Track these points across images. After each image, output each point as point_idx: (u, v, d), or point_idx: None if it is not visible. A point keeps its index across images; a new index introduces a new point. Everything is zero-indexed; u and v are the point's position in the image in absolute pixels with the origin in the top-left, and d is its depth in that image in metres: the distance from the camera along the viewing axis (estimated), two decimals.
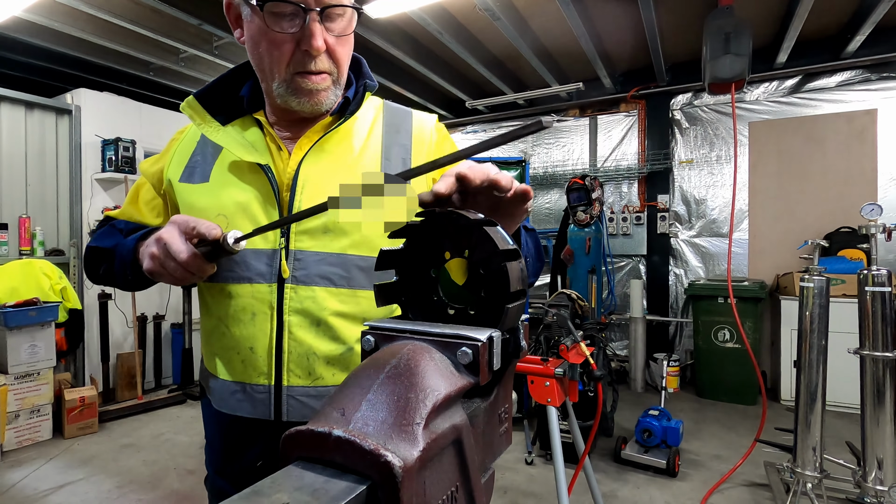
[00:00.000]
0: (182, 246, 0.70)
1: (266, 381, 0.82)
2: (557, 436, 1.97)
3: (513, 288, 0.42)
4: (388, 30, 3.91)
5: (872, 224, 2.29)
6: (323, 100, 0.80)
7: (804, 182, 4.54)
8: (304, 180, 0.81)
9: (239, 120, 0.87)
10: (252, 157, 0.81)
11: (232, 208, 0.82)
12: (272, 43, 0.76)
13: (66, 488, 2.93)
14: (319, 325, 0.81)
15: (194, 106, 0.86)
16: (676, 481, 2.91)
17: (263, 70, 0.80)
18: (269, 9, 0.73)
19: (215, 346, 0.88)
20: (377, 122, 0.90)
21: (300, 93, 0.79)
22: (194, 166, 0.87)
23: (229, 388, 0.85)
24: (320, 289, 0.81)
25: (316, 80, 0.78)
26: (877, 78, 4.29)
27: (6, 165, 4.06)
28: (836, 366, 2.62)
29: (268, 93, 0.84)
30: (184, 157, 0.89)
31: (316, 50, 0.75)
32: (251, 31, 0.78)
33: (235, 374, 0.84)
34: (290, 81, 0.78)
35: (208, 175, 0.86)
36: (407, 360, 0.37)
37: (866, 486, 2.25)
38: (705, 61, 3.34)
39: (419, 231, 0.48)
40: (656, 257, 5.11)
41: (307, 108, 0.80)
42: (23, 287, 3.70)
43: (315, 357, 0.81)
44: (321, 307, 0.81)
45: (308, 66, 0.77)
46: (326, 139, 0.84)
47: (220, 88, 0.89)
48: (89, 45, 4.14)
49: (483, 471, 0.41)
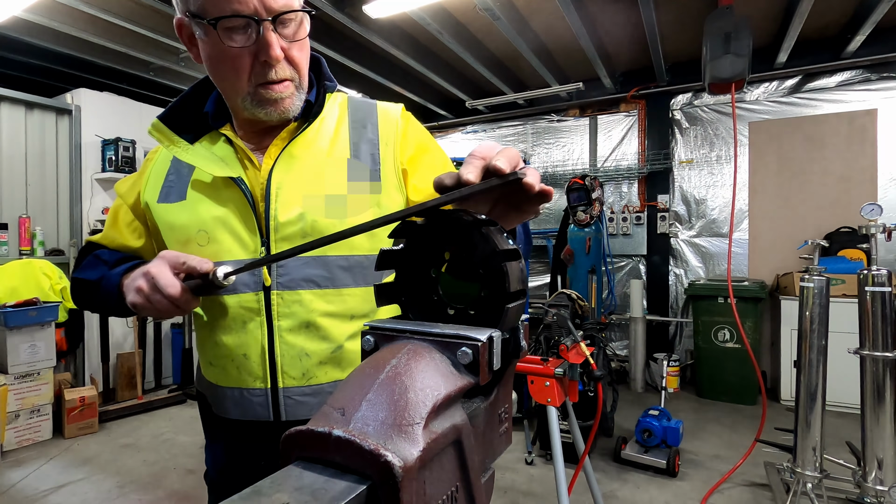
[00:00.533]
0: (171, 280, 0.71)
1: (262, 384, 0.84)
2: (557, 436, 1.97)
3: (513, 288, 0.42)
4: (388, 30, 3.91)
5: (872, 224, 2.29)
6: (289, 106, 0.81)
7: (804, 182, 4.54)
8: (277, 188, 0.82)
9: (206, 136, 0.88)
10: (224, 171, 0.82)
11: (211, 223, 0.83)
12: (230, 58, 0.75)
13: (66, 488, 2.93)
14: (309, 328, 0.83)
15: (160, 128, 0.87)
16: (676, 481, 2.91)
17: (226, 86, 0.81)
18: (222, 25, 0.72)
19: (210, 354, 0.89)
20: (343, 119, 0.90)
21: (266, 103, 0.79)
22: (170, 186, 0.88)
23: (227, 394, 0.87)
24: (306, 292, 0.82)
25: (279, 88, 0.78)
26: (877, 78, 4.29)
27: (6, 165, 4.07)
28: (836, 366, 2.62)
29: (233, 108, 0.85)
30: (159, 178, 0.90)
31: (274, 59, 0.75)
32: (207, 50, 0.78)
33: (231, 381, 0.86)
34: (255, 94, 0.78)
35: (184, 193, 0.86)
36: (407, 360, 0.37)
37: (866, 486, 2.25)
38: (705, 61, 3.34)
39: (419, 231, 0.48)
40: (656, 257, 5.11)
41: (275, 118, 0.81)
42: (23, 287, 3.70)
43: (307, 358, 0.83)
44: (308, 310, 0.82)
45: (269, 76, 0.77)
46: (294, 144, 0.84)
47: (183, 107, 0.89)
48: (89, 45, 4.14)
49: (483, 471, 0.41)
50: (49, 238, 4.29)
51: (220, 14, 0.71)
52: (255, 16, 0.72)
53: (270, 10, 0.73)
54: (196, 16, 0.74)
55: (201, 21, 0.74)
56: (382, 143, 0.89)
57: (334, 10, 3.37)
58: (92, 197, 4.42)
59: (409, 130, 0.92)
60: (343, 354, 0.85)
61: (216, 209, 0.83)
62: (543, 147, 5.76)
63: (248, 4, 0.71)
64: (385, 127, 0.90)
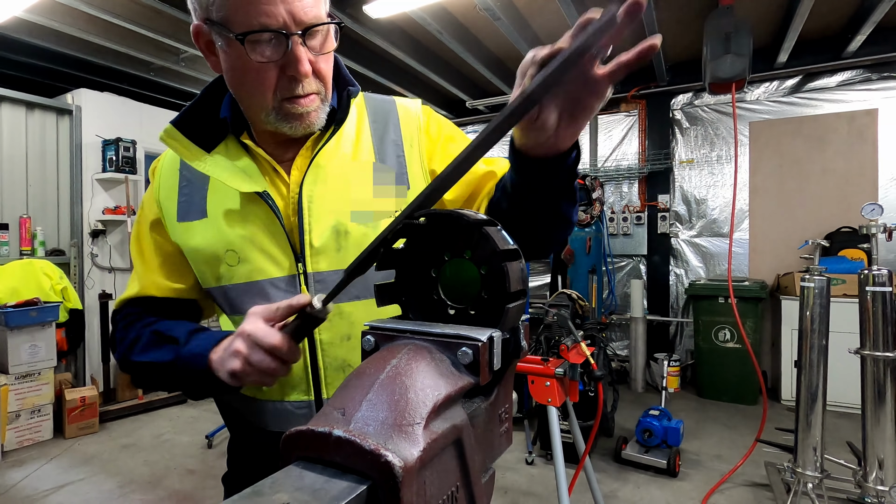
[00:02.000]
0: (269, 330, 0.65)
1: (306, 396, 0.81)
2: (558, 436, 1.97)
3: (513, 288, 0.42)
4: (388, 30, 3.91)
5: (873, 224, 2.29)
6: (314, 120, 0.77)
7: (805, 182, 4.53)
8: (309, 201, 0.79)
9: (222, 144, 0.82)
10: (249, 186, 0.78)
11: (238, 242, 0.79)
12: (255, 72, 0.71)
13: (66, 488, 2.93)
14: (350, 339, 0.81)
15: (174, 135, 0.81)
16: (677, 481, 2.91)
17: (248, 100, 0.77)
18: (250, 38, 0.68)
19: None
20: (362, 120, 0.87)
21: (291, 118, 0.75)
22: (187, 200, 0.83)
23: (266, 408, 0.83)
24: (345, 304, 0.80)
25: (305, 102, 0.74)
26: (877, 78, 4.29)
27: (7, 166, 4.07)
28: (836, 366, 2.62)
29: (253, 120, 0.80)
30: (172, 193, 0.84)
31: (303, 75, 0.71)
32: (230, 62, 0.73)
33: (273, 394, 0.83)
34: (280, 108, 0.74)
35: (204, 209, 0.82)
36: (407, 360, 0.37)
37: (867, 486, 2.25)
38: (706, 61, 3.34)
39: (419, 231, 0.48)
40: (657, 257, 5.11)
41: (300, 132, 0.77)
42: (23, 287, 3.71)
43: (350, 368, 0.81)
44: (349, 322, 0.80)
45: (296, 91, 0.73)
46: (321, 154, 0.81)
47: (197, 112, 0.83)
48: (90, 45, 4.14)
49: (483, 471, 0.41)
50: (50, 238, 4.29)
51: (247, 28, 0.67)
52: (284, 29, 0.68)
53: (300, 22, 0.69)
54: (219, 25, 0.70)
55: (227, 34, 0.69)
56: (406, 143, 0.86)
57: (334, 10, 3.36)
58: (92, 197, 4.42)
59: (432, 126, 0.89)
60: None
61: (242, 227, 0.79)
62: None
63: (277, 17, 0.67)
64: (407, 126, 0.87)
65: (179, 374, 0.76)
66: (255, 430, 0.86)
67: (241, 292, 0.81)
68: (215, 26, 0.71)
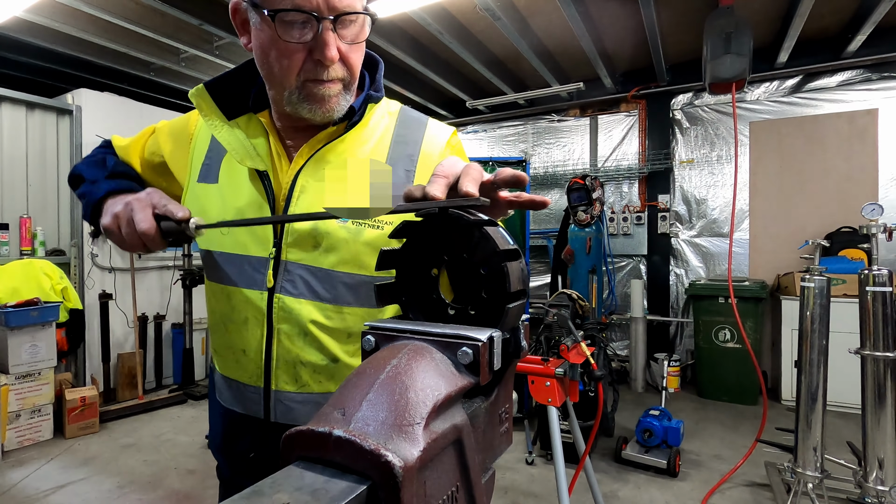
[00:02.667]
0: (147, 216, 0.72)
1: (257, 382, 0.84)
2: (558, 436, 1.97)
3: (513, 288, 0.42)
4: (388, 30, 3.91)
5: (873, 224, 2.29)
6: (334, 106, 0.78)
7: (805, 182, 4.53)
8: (301, 190, 0.80)
9: (244, 118, 0.85)
10: (252, 162, 0.81)
11: (233, 214, 0.82)
12: (283, 52, 0.73)
13: (66, 488, 2.93)
14: (306, 336, 0.82)
15: (203, 95, 0.84)
16: (677, 481, 2.91)
17: (273, 78, 0.78)
18: (281, 17, 0.70)
19: (216, 342, 0.91)
20: (388, 132, 0.87)
21: (312, 99, 0.76)
22: (209, 164, 0.87)
23: (226, 384, 0.89)
24: (306, 301, 0.81)
25: (328, 86, 0.76)
26: (878, 78, 4.29)
27: (7, 165, 4.07)
28: (836, 366, 2.62)
29: (275, 100, 0.82)
30: (201, 154, 0.89)
31: (329, 60, 0.72)
32: (260, 40, 0.75)
33: (230, 372, 0.87)
34: (302, 88, 0.76)
35: (217, 175, 0.86)
36: (407, 360, 0.37)
37: (867, 487, 2.25)
38: (706, 61, 3.34)
39: (419, 231, 0.48)
40: (657, 257, 5.11)
41: (318, 116, 0.78)
42: (24, 287, 3.71)
43: (301, 366, 0.82)
44: (307, 319, 0.81)
45: (320, 76, 0.74)
46: (329, 149, 0.82)
47: (230, 82, 0.86)
48: (90, 45, 4.15)
49: (484, 471, 0.41)
50: (50, 238, 4.29)
51: (280, 6, 0.69)
52: (316, 13, 0.70)
53: (333, 8, 0.70)
54: (254, 3, 0.72)
55: (260, 9, 0.71)
56: (421, 163, 0.86)
57: None
58: None
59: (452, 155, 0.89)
60: (338, 369, 0.84)
61: (239, 199, 0.82)
62: (544, 147, 5.76)
63: (311, 0, 0.69)
64: (428, 148, 0.87)
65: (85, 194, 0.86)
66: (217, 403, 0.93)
67: (224, 260, 0.85)
68: (252, 5, 0.73)
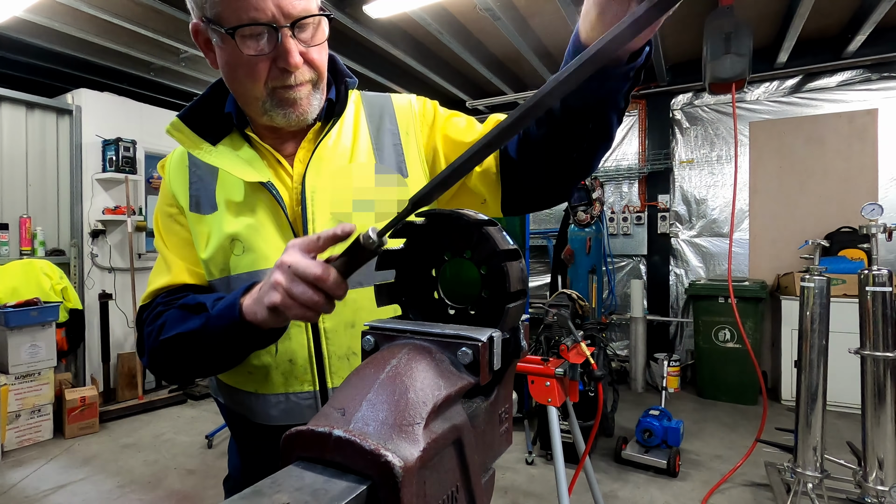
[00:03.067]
0: (310, 261, 0.59)
1: (310, 387, 0.82)
2: (558, 436, 1.97)
3: (513, 288, 0.42)
4: (388, 30, 3.91)
5: (873, 224, 2.29)
6: (307, 108, 0.79)
7: (805, 182, 4.53)
8: (312, 191, 0.81)
9: (227, 138, 0.85)
10: (253, 175, 0.80)
11: (245, 232, 0.81)
12: (248, 66, 0.73)
13: (66, 488, 2.93)
14: (354, 327, 0.81)
15: (181, 128, 0.84)
16: (677, 481, 2.91)
17: (243, 92, 0.78)
18: (240, 33, 0.71)
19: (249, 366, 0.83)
20: (359, 114, 0.89)
21: (284, 104, 0.77)
22: (198, 195, 0.85)
23: (271, 402, 0.82)
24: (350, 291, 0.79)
25: (297, 89, 0.77)
26: (877, 78, 4.29)
27: (7, 165, 4.07)
28: (836, 366, 2.62)
29: (251, 115, 0.82)
30: (184, 188, 0.86)
31: (294, 66, 0.73)
32: (225, 57, 0.76)
33: (276, 387, 0.82)
34: (272, 94, 0.76)
35: (214, 202, 0.84)
36: (407, 360, 0.37)
37: (867, 486, 2.25)
38: (706, 61, 3.33)
39: (419, 231, 0.48)
40: (657, 257, 5.11)
41: (293, 121, 0.78)
42: (23, 287, 3.71)
43: (354, 356, 0.82)
44: (353, 310, 0.81)
45: (287, 82, 0.75)
46: (321, 146, 0.83)
47: (203, 108, 0.86)
48: (90, 45, 4.14)
49: (483, 471, 0.41)
50: (50, 238, 4.29)
51: (237, 22, 0.70)
52: (274, 23, 0.70)
53: (289, 15, 0.71)
54: (212, 22, 0.72)
55: (218, 29, 0.72)
56: (403, 132, 0.88)
57: (334, 10, 3.37)
58: (92, 197, 4.42)
59: (427, 111, 0.92)
60: None
61: (248, 217, 0.81)
62: None
63: (266, 11, 0.69)
64: (403, 117, 0.90)
65: (210, 337, 0.70)
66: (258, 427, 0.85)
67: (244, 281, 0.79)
68: (210, 23, 0.73)
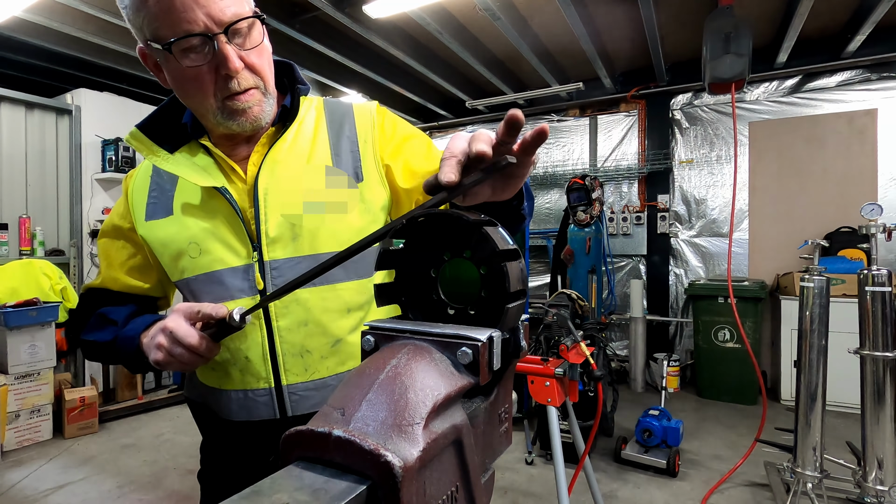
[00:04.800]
0: (189, 330, 0.73)
1: (266, 384, 0.85)
2: (557, 436, 1.97)
3: (513, 288, 0.42)
4: (388, 30, 3.91)
5: (872, 224, 2.29)
6: (258, 114, 0.81)
7: (804, 182, 4.54)
8: (265, 193, 0.83)
9: (185, 147, 0.89)
10: (207, 181, 0.83)
11: (201, 235, 0.84)
12: (193, 79, 0.76)
13: (66, 488, 2.93)
14: (307, 325, 0.84)
15: (139, 137, 0.87)
16: (676, 481, 2.91)
17: (195, 105, 0.81)
18: (177, 47, 0.73)
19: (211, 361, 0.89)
20: (320, 120, 0.92)
21: (235, 114, 0.79)
22: (155, 202, 0.89)
23: (231, 397, 0.88)
24: (302, 291, 0.83)
25: (244, 98, 0.78)
26: (877, 78, 4.29)
27: (6, 165, 4.07)
28: (836, 366, 2.62)
29: (207, 126, 0.86)
30: (143, 196, 0.91)
31: (234, 71, 0.75)
32: (172, 74, 0.78)
33: (235, 384, 0.87)
34: (223, 107, 0.78)
35: (170, 208, 0.87)
36: (407, 360, 0.37)
37: (866, 486, 2.25)
38: (705, 61, 3.34)
39: (419, 231, 0.48)
40: (656, 257, 5.11)
41: (247, 128, 0.81)
42: (23, 287, 3.70)
43: (308, 354, 0.85)
44: (306, 308, 0.84)
45: (233, 88, 0.77)
46: (275, 149, 0.85)
47: (162, 117, 0.90)
48: (89, 45, 4.14)
49: (483, 471, 0.41)
50: (49, 238, 4.29)
51: (173, 36, 0.72)
52: (207, 32, 0.72)
53: (220, 22, 0.73)
54: (152, 42, 0.74)
55: (158, 47, 0.74)
56: (361, 140, 0.90)
57: (334, 10, 3.37)
58: (92, 197, 4.42)
59: (386, 124, 0.93)
60: (342, 347, 0.87)
61: (204, 221, 0.84)
62: (543, 147, 5.75)
63: (198, 22, 0.71)
64: (362, 124, 0.91)
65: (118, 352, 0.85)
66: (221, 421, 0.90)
67: (201, 282, 0.86)
68: (151, 45, 0.75)
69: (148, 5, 0.71)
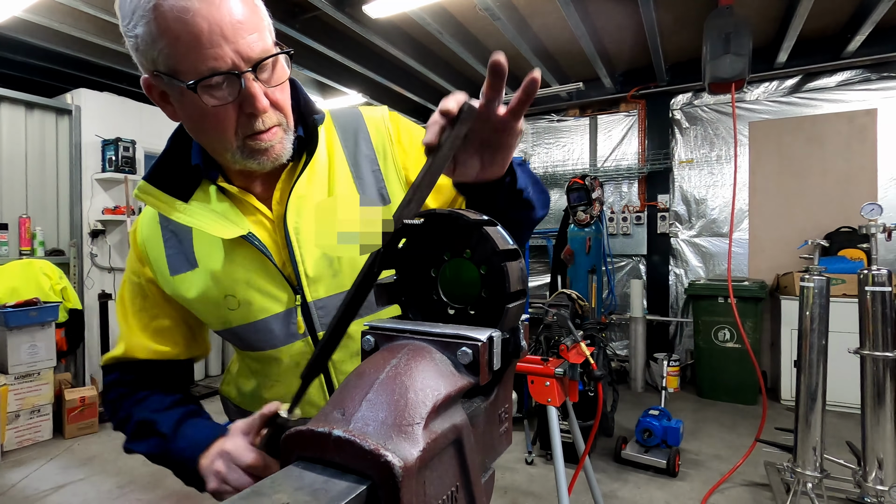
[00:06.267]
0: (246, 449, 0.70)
1: None
2: (557, 436, 1.97)
3: (513, 288, 0.42)
4: (388, 30, 3.91)
5: (872, 224, 2.29)
6: (280, 152, 0.75)
7: (804, 182, 4.54)
8: (296, 232, 0.79)
9: (199, 191, 0.82)
10: (231, 231, 0.77)
11: (234, 287, 0.80)
12: (215, 118, 0.70)
13: (66, 488, 2.93)
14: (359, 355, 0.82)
15: (149, 191, 0.80)
16: (676, 481, 2.91)
17: (211, 143, 0.75)
18: (202, 85, 0.66)
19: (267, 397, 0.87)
20: (333, 139, 0.86)
21: (256, 154, 0.74)
22: (174, 255, 0.83)
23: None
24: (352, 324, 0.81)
25: (267, 137, 0.73)
26: (877, 78, 4.29)
27: (6, 165, 4.07)
28: (836, 366, 2.62)
29: (222, 163, 0.80)
30: (159, 249, 0.84)
31: (261, 111, 0.70)
32: (187, 111, 0.72)
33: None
34: (243, 147, 0.73)
35: (193, 259, 0.82)
36: (407, 360, 0.37)
37: (866, 486, 2.25)
38: (705, 61, 3.34)
39: (419, 231, 0.48)
40: (656, 257, 5.11)
41: (268, 166, 0.76)
42: (23, 287, 3.70)
43: None
44: (356, 340, 0.81)
45: (257, 128, 0.71)
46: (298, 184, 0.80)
47: (167, 163, 0.83)
48: (89, 45, 4.14)
49: (483, 471, 0.41)
50: (49, 238, 4.29)
51: (197, 76, 0.66)
52: (235, 70, 0.66)
53: (249, 59, 0.67)
54: (168, 76, 0.68)
55: (177, 84, 0.67)
56: (380, 157, 0.85)
57: (334, 10, 3.37)
58: (92, 197, 4.42)
59: (403, 137, 0.88)
60: None
61: (234, 271, 0.79)
62: (543, 147, 5.76)
63: (226, 59, 0.65)
64: (378, 138, 0.86)
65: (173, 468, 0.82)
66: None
67: (248, 332, 0.83)
68: (165, 77, 0.69)
69: (168, 38, 0.64)
